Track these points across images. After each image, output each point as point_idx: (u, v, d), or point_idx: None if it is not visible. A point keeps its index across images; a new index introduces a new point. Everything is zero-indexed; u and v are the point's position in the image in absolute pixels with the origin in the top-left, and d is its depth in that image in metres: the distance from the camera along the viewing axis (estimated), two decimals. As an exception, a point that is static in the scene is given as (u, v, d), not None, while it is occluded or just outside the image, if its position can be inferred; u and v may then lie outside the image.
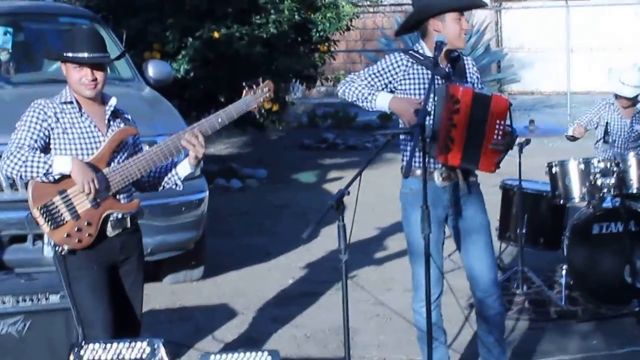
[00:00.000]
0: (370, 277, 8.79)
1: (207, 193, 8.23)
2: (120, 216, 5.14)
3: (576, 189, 7.79)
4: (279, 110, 14.02)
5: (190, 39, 12.44)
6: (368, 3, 21.43)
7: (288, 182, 14.49)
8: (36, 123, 4.99)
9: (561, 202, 7.95)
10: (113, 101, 5.22)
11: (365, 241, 10.19)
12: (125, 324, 5.24)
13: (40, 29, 9.55)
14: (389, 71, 5.62)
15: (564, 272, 7.72)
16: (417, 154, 5.25)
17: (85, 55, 5.02)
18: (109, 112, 5.18)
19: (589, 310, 7.59)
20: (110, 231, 5.12)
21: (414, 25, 5.77)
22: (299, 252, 9.91)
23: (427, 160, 5.13)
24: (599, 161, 7.74)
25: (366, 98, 5.56)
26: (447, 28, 5.53)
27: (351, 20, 14.25)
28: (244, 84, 5.26)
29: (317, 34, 13.67)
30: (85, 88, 5.06)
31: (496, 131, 5.43)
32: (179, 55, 12.38)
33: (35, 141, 4.96)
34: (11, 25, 8.90)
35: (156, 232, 7.51)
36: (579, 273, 7.65)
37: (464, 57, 5.77)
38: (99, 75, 5.07)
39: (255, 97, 5.27)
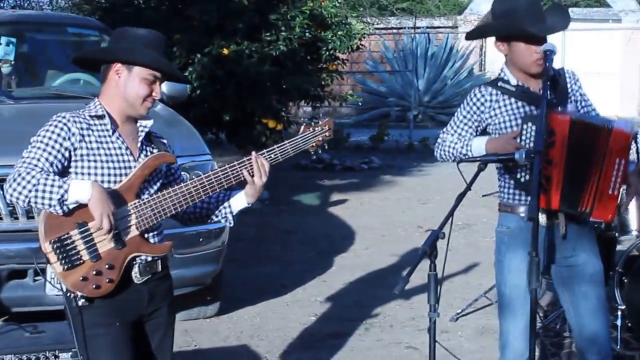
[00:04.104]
0: (398, 315, 7.60)
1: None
2: (149, 259, 3.95)
3: (634, 220, 6.66)
4: (282, 129, 12.96)
5: (199, 56, 11.46)
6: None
7: (291, 204, 13.35)
8: (55, 141, 3.77)
9: (616, 234, 6.77)
10: (149, 122, 4.03)
11: (383, 272, 9.14)
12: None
13: (45, 40, 8.46)
14: (474, 112, 4.53)
15: (619, 313, 6.54)
16: (515, 186, 4.43)
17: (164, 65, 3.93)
18: (142, 134, 4.00)
19: (649, 355, 6.45)
20: (137, 277, 3.92)
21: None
22: (316, 285, 8.75)
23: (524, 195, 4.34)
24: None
25: (461, 153, 4.50)
26: (513, 53, 4.42)
27: (361, 39, 13.21)
28: (303, 120, 4.20)
29: (327, 53, 12.76)
30: (146, 106, 3.94)
31: (615, 172, 4.26)
32: (186, 72, 11.29)
33: (52, 164, 3.74)
34: (15, 35, 7.74)
35: (171, 265, 6.24)
36: (638, 314, 6.51)
37: (566, 74, 4.56)
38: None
39: (314, 135, 4.19)
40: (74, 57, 4.18)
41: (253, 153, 4.01)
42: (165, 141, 4.16)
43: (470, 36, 4.89)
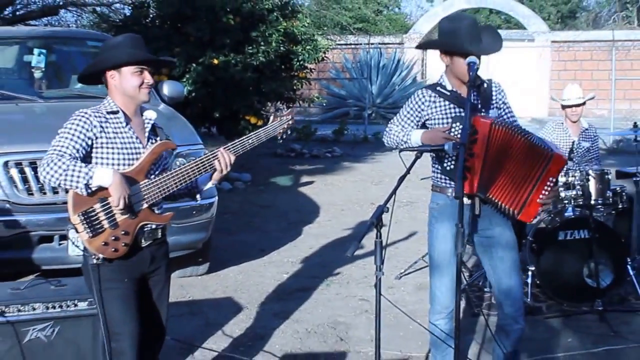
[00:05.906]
0: (353, 275, 7.61)
1: (216, 198, 6.96)
2: (154, 227, 3.96)
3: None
4: (262, 124, 12.92)
5: (194, 65, 11.41)
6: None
7: (268, 185, 13.31)
8: (80, 132, 3.76)
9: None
10: (152, 115, 4.05)
11: (341, 240, 9.12)
12: (150, 332, 4.03)
13: (69, 51, 8.36)
14: (416, 109, 4.47)
15: (530, 273, 6.71)
16: (442, 172, 4.48)
17: (141, 57, 3.91)
18: (149, 126, 4.01)
19: (552, 306, 6.57)
20: (142, 242, 3.93)
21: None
22: (288, 249, 8.75)
23: (450, 179, 4.39)
24: (561, 175, 6.75)
25: (402, 141, 4.45)
26: (454, 65, 4.37)
27: (325, 52, 13.18)
28: (272, 112, 4.25)
29: (298, 63, 12.72)
30: (144, 92, 3.92)
31: (547, 187, 4.25)
32: (184, 78, 11.20)
33: (77, 150, 3.73)
34: (45, 47, 7.72)
35: (170, 233, 6.17)
36: (545, 274, 6.63)
37: (492, 84, 4.51)
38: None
39: (280, 123, 4.31)
40: (79, 76, 4.17)
41: (221, 148, 4.04)
42: (165, 131, 4.17)
43: (419, 46, 4.84)
